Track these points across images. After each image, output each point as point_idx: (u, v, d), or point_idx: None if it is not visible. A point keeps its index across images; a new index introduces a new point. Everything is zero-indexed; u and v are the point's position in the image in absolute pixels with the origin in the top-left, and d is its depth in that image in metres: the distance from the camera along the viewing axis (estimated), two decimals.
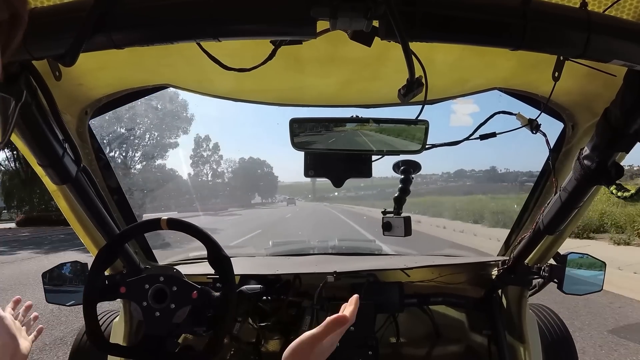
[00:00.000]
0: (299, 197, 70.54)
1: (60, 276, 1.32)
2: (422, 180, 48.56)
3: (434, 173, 56.63)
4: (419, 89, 0.62)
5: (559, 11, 0.57)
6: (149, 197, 19.37)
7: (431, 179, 49.15)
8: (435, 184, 44.69)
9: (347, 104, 1.22)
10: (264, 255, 1.89)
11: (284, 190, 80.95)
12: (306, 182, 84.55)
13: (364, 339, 1.18)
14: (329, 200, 46.12)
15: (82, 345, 1.92)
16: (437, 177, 49.34)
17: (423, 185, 45.85)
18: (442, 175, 47.82)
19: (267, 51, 0.69)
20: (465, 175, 37.67)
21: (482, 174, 26.06)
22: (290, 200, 52.49)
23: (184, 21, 0.55)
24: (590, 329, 3.92)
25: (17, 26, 0.35)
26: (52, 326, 4.24)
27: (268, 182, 56.00)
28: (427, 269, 1.50)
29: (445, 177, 45.61)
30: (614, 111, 0.71)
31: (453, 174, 42.45)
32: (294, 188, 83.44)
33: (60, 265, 1.34)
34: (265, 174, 54.35)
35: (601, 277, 1.29)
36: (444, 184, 41.83)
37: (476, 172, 35.96)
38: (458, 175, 39.34)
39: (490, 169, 23.40)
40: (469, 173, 38.92)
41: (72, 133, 0.90)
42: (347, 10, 0.50)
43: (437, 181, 45.74)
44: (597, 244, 8.06)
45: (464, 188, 28.32)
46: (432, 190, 39.70)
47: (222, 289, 0.95)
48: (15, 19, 0.34)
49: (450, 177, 42.34)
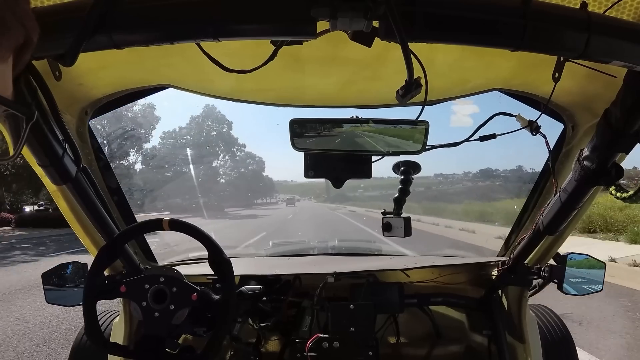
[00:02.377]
0: (310, 197, 65.91)
1: (60, 276, 1.32)
2: (445, 179, 43.48)
3: (454, 173, 51.46)
4: (417, 89, 0.62)
5: (559, 12, 0.57)
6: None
7: (453, 179, 43.49)
8: (461, 185, 39.91)
9: (347, 104, 1.22)
10: (263, 256, 1.89)
11: (296, 190, 78.17)
12: (319, 180, 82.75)
13: (364, 339, 1.18)
14: (350, 201, 38.18)
15: (82, 345, 1.92)
16: (461, 177, 44.78)
17: (446, 185, 40.82)
18: (466, 175, 42.38)
19: (267, 51, 0.69)
20: (492, 174, 32.95)
21: (509, 173, 22.19)
22: (290, 200, 47.63)
23: (184, 21, 0.55)
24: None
25: (27, 48, 0.38)
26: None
27: (265, 183, 54.39)
28: (427, 269, 1.50)
29: (469, 177, 40.94)
30: (614, 112, 0.71)
31: (479, 173, 36.42)
32: (305, 187, 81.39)
33: (60, 265, 1.34)
34: (261, 176, 52.68)
35: (601, 278, 1.29)
36: (469, 184, 36.78)
37: (504, 172, 30.75)
38: (485, 175, 34.83)
39: (517, 168, 20.49)
40: (496, 172, 34.11)
41: (72, 133, 0.90)
42: (347, 11, 0.51)
43: (462, 181, 41.77)
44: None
45: (496, 190, 24.79)
46: (460, 192, 34.45)
47: (222, 292, 0.95)
48: (27, 42, 0.38)
49: (477, 176, 37.32)
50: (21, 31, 0.36)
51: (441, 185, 40.87)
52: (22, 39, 0.37)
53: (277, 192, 64.63)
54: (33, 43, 0.39)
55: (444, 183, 41.55)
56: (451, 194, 34.26)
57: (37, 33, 0.38)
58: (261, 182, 51.37)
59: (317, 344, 1.16)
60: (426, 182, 37.32)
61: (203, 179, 37.01)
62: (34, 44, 0.39)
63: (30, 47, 0.39)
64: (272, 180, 61.65)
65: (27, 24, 0.36)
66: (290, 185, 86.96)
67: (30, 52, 0.39)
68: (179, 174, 29.38)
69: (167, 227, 0.95)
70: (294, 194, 63.94)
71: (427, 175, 42.26)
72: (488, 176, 31.41)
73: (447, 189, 38.58)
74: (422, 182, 34.83)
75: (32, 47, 0.39)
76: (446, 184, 41.27)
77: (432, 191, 34.41)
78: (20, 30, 0.36)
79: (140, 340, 0.91)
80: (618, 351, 3.35)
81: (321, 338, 1.16)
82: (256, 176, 49.51)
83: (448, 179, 43.79)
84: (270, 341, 1.45)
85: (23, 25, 0.36)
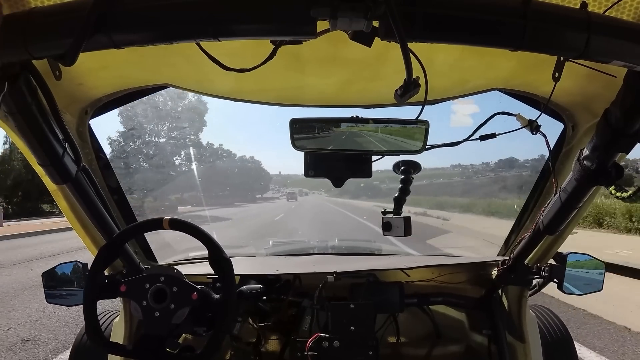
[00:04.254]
0: (321, 190, 61.76)
1: (60, 276, 1.32)
2: (463, 170, 38.70)
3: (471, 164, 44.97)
4: (415, 89, 0.62)
5: (559, 12, 0.57)
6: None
7: (473, 170, 38.61)
8: (486, 176, 34.56)
9: (347, 104, 1.22)
10: (264, 255, 1.89)
11: (305, 184, 75.78)
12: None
13: (364, 339, 1.18)
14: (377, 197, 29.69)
15: (82, 344, 1.92)
16: (481, 168, 38.54)
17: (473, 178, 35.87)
18: (488, 166, 36.63)
19: (267, 51, 0.69)
20: (518, 164, 28.40)
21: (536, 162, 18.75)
22: (291, 194, 41.97)
23: (184, 21, 0.55)
24: None
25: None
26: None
27: (260, 179, 53.44)
28: (427, 268, 1.50)
29: (491, 167, 34.82)
30: (614, 112, 0.71)
31: (504, 163, 31.55)
32: (314, 181, 79.81)
33: (60, 265, 1.34)
34: (258, 172, 51.88)
35: (601, 277, 1.29)
36: (492, 175, 32.12)
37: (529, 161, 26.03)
38: (509, 165, 29.86)
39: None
40: (523, 162, 28.55)
41: (72, 133, 0.90)
42: (347, 11, 0.50)
43: (485, 172, 36.04)
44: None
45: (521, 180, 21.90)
46: (485, 183, 29.79)
47: (222, 292, 0.95)
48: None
49: (500, 166, 31.81)
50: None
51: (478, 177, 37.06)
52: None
53: (284, 186, 62.87)
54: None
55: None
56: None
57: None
58: (272, 177, 50.00)
59: (317, 343, 1.16)
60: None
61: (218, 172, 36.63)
62: None
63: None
64: (282, 174, 59.14)
65: None
66: (302, 179, 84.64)
67: None
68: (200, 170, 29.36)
69: (168, 227, 0.95)
70: (302, 187, 61.93)
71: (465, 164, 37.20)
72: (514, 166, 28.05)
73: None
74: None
75: None
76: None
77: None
78: None
79: (140, 340, 0.91)
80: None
81: (321, 337, 1.16)
82: (261, 173, 49.09)
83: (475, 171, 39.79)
84: (270, 340, 1.45)
85: None
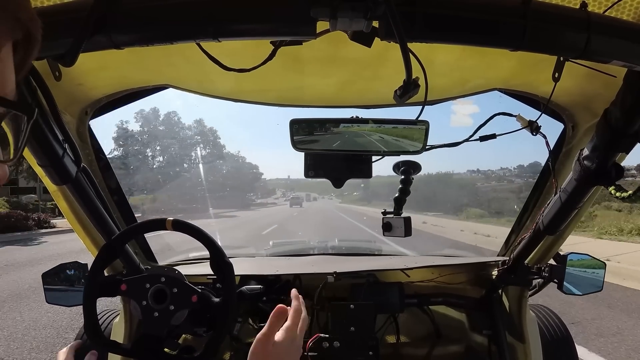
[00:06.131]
0: (331, 195, 58.48)
1: (60, 277, 1.32)
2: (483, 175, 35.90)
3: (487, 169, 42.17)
4: (415, 90, 0.62)
5: (559, 11, 0.57)
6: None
7: (496, 175, 35.98)
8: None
9: (347, 104, 1.22)
10: (264, 256, 1.89)
11: (315, 188, 74.12)
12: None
13: (364, 339, 1.18)
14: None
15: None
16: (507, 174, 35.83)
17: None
18: (513, 171, 34.63)
19: (267, 51, 0.69)
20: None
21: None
22: (295, 199, 41.22)
23: (184, 21, 0.55)
24: None
25: (31, 46, 0.35)
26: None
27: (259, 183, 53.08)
28: (427, 269, 1.50)
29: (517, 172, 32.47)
30: (614, 112, 0.71)
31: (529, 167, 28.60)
32: (324, 185, 78.83)
33: (60, 265, 1.33)
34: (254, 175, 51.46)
35: (601, 277, 1.29)
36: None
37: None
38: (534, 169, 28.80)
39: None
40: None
41: (72, 133, 0.90)
42: (347, 11, 0.50)
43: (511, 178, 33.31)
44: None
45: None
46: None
47: (222, 295, 0.95)
48: (29, 39, 0.35)
49: (525, 170, 29.26)
50: (16, 25, 0.33)
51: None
52: (20, 34, 0.33)
53: (291, 190, 61.66)
54: (37, 40, 0.35)
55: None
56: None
57: (39, 29, 0.35)
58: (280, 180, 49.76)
59: (317, 343, 1.16)
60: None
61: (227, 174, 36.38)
62: (39, 41, 0.36)
63: (34, 44, 0.35)
64: (291, 179, 58.62)
65: (23, 16, 0.33)
66: (311, 183, 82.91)
67: (35, 50, 0.36)
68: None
69: (171, 228, 0.95)
70: (310, 192, 59.80)
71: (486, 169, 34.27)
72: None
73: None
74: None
75: (37, 45, 0.36)
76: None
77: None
78: (13, 23, 0.32)
79: (139, 340, 0.91)
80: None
81: (321, 338, 1.16)
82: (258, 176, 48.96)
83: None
84: None
85: (17, 19, 0.33)
